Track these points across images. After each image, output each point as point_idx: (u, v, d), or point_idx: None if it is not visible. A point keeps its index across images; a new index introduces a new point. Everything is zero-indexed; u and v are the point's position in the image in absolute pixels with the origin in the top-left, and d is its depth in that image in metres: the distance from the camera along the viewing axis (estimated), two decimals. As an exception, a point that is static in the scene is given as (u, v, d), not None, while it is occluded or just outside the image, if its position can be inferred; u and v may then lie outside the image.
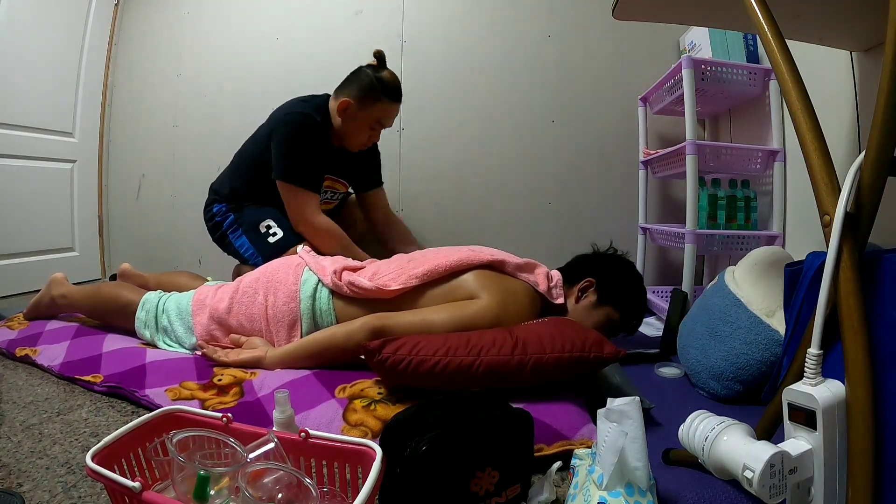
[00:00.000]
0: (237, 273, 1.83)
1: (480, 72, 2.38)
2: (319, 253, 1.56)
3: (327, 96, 1.81)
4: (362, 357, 1.05)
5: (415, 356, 1.00)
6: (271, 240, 1.71)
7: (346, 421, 0.95)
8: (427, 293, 1.27)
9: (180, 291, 1.44)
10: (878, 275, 0.57)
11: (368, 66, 1.76)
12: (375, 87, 1.70)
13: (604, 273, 1.36)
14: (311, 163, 1.69)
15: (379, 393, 1.03)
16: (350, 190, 2.01)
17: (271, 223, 1.74)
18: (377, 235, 2.06)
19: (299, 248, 1.50)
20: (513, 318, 1.21)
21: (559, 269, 1.43)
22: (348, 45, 2.32)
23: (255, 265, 1.69)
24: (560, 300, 1.34)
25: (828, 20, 1.14)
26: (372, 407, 0.98)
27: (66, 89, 2.48)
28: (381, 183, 2.06)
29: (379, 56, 1.76)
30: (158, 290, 1.45)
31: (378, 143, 1.95)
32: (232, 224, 1.80)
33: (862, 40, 1.26)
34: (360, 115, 1.72)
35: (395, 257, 1.43)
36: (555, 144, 2.37)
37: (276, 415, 0.76)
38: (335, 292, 1.30)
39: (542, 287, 1.32)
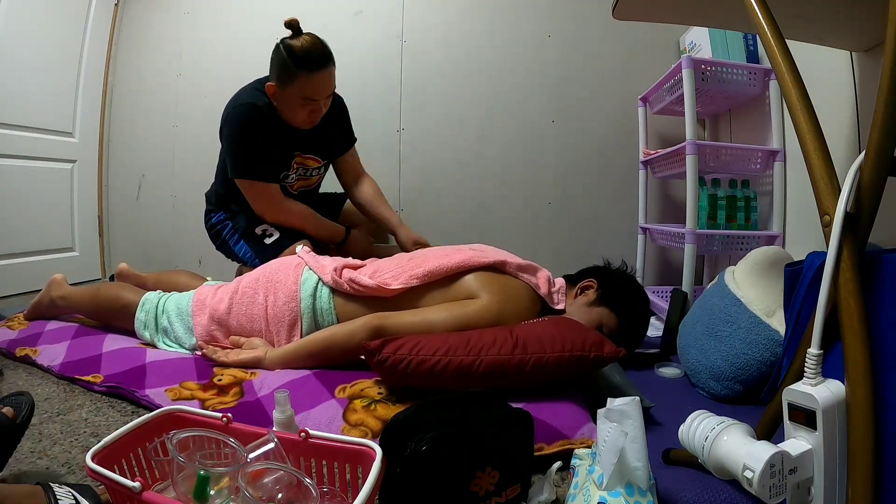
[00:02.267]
0: (240, 273, 1.83)
1: (480, 72, 2.38)
2: (319, 253, 1.55)
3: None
4: (363, 357, 1.05)
5: (415, 356, 1.00)
6: (268, 241, 1.73)
7: (347, 421, 0.95)
8: (427, 293, 1.27)
9: (179, 291, 1.43)
10: (878, 275, 0.57)
11: (282, 39, 1.57)
12: (287, 64, 1.53)
13: (607, 278, 1.36)
14: (262, 151, 1.63)
15: (379, 393, 1.03)
16: (325, 161, 1.92)
17: (266, 226, 1.76)
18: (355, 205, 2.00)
19: (298, 248, 1.50)
20: (513, 317, 1.21)
21: (564, 277, 1.43)
22: (348, 45, 2.32)
23: (255, 267, 1.70)
24: (560, 305, 1.34)
25: (828, 20, 1.14)
26: (372, 407, 0.98)
27: (66, 89, 2.48)
28: (353, 140, 1.96)
29: (290, 24, 1.57)
30: (158, 291, 1.45)
31: (342, 99, 1.88)
32: (230, 231, 1.81)
33: (862, 40, 1.26)
34: (284, 96, 1.59)
35: (395, 256, 1.43)
36: (555, 144, 2.37)
37: (276, 415, 0.76)
38: (335, 290, 1.30)
39: (543, 290, 1.32)
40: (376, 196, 1.96)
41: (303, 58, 1.52)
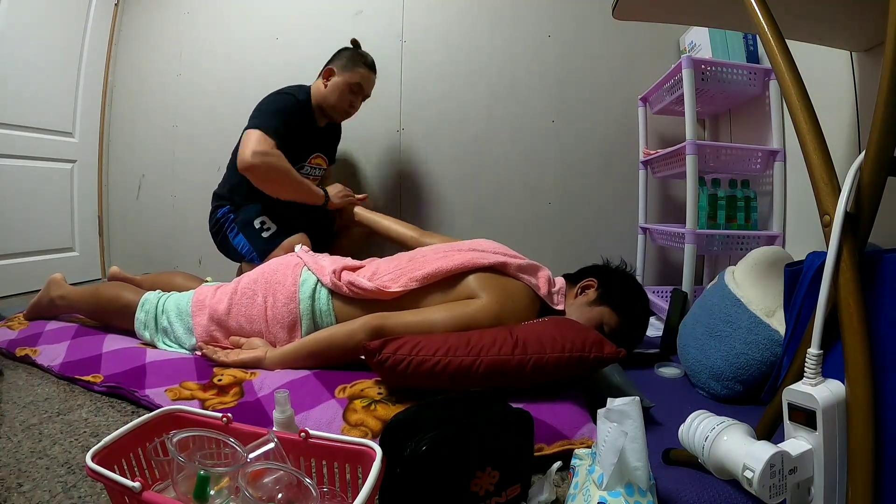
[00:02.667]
0: (240, 273, 1.83)
1: (480, 72, 2.38)
2: (313, 247, 1.58)
3: (310, 87, 1.97)
4: (363, 357, 1.05)
5: (415, 356, 1.00)
6: (265, 234, 1.76)
7: (346, 421, 0.95)
8: (427, 295, 1.27)
9: (178, 292, 1.43)
10: (878, 275, 0.57)
11: (348, 46, 1.99)
12: (356, 57, 1.93)
13: (607, 277, 1.36)
14: (284, 127, 1.75)
15: (379, 393, 1.03)
16: (329, 165, 2.13)
17: (265, 219, 1.80)
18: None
19: (297, 247, 1.50)
20: (512, 318, 1.21)
21: (565, 276, 1.43)
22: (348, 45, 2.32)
23: (252, 261, 1.73)
24: (560, 306, 1.33)
25: (828, 20, 1.14)
26: (372, 407, 0.98)
27: (67, 89, 2.48)
28: (334, 161, 2.20)
29: (355, 43, 2.01)
30: (157, 290, 1.44)
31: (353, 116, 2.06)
32: (230, 223, 1.83)
33: (862, 40, 1.26)
34: (340, 80, 1.90)
35: (395, 256, 1.42)
36: (555, 144, 2.37)
37: (276, 415, 0.76)
38: (334, 292, 1.30)
39: (543, 291, 1.32)
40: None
41: (368, 60, 1.97)
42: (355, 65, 1.92)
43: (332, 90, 1.91)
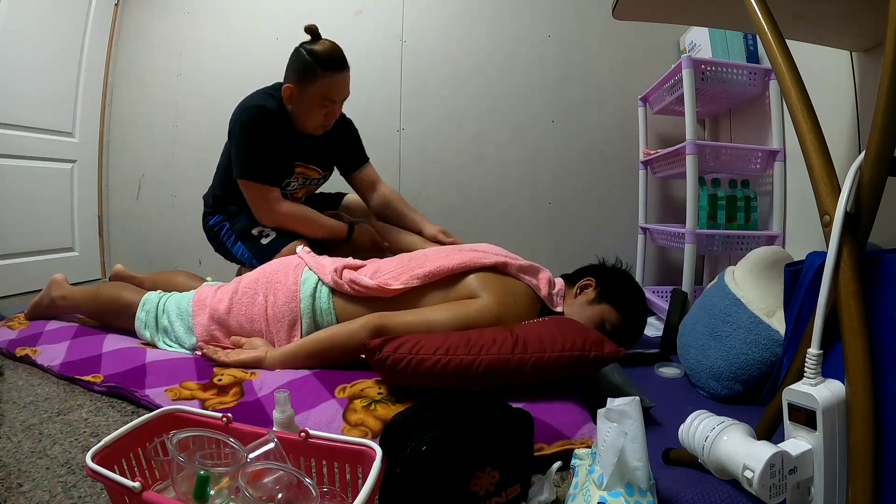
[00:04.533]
0: (240, 273, 1.83)
1: (480, 72, 2.38)
2: (321, 252, 1.55)
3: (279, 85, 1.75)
4: (363, 356, 1.05)
5: (415, 355, 1.00)
6: (265, 241, 1.72)
7: (347, 421, 0.95)
8: (428, 293, 1.27)
9: (179, 291, 1.43)
10: (878, 275, 0.57)
11: (302, 44, 1.64)
12: (310, 65, 1.59)
13: (605, 276, 1.37)
14: (268, 155, 1.65)
15: (379, 393, 1.03)
16: (325, 173, 1.95)
17: (263, 227, 1.75)
18: (379, 217, 1.97)
19: (298, 248, 1.50)
20: (513, 318, 1.21)
21: (562, 277, 1.43)
22: (348, 45, 2.30)
23: (253, 267, 1.70)
24: (559, 308, 1.34)
25: (828, 20, 1.14)
26: (372, 407, 0.98)
27: (67, 89, 2.48)
28: (366, 160, 1.97)
29: (310, 30, 1.62)
30: (158, 290, 1.45)
31: (352, 121, 1.94)
32: (227, 233, 1.80)
33: (862, 40, 1.26)
34: (304, 97, 1.63)
35: (396, 256, 1.43)
36: (555, 144, 2.37)
37: (276, 415, 0.76)
38: (335, 291, 1.30)
39: (543, 292, 1.32)
40: (396, 199, 1.94)
41: (327, 60, 1.59)
42: (315, 75, 1.60)
43: (297, 109, 1.67)
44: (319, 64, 1.59)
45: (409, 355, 1.00)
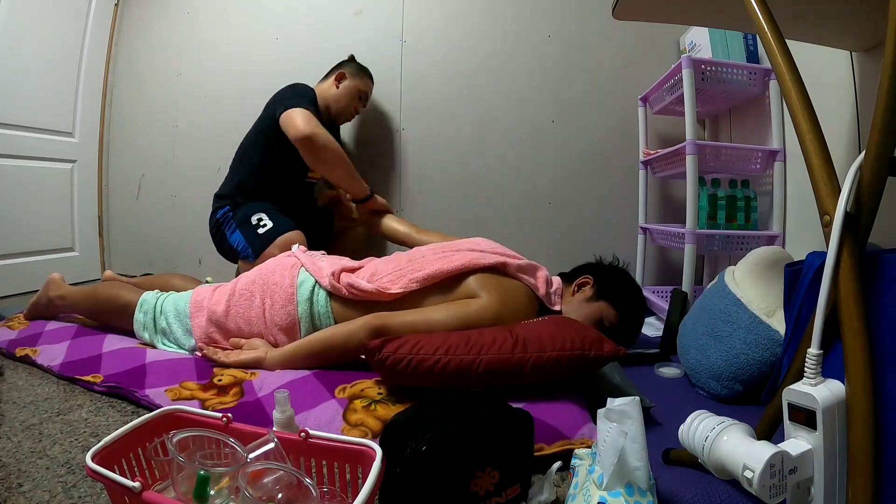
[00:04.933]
0: (238, 273, 1.83)
1: (480, 72, 2.38)
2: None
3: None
4: (363, 357, 1.05)
5: (415, 355, 1.00)
6: (261, 231, 1.74)
7: (346, 421, 0.95)
8: (427, 296, 1.27)
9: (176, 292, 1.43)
10: (878, 275, 0.57)
11: (348, 59, 2.15)
12: (363, 68, 2.13)
13: (602, 273, 1.37)
14: (315, 110, 1.80)
15: (379, 393, 1.03)
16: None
17: (262, 216, 1.78)
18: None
19: (294, 247, 1.50)
20: (512, 317, 1.21)
21: (560, 275, 1.43)
22: (348, 45, 2.32)
23: (247, 258, 1.74)
24: (558, 306, 1.34)
25: (828, 20, 1.14)
26: (372, 407, 0.98)
27: (66, 89, 2.48)
28: None
29: (353, 59, 2.16)
30: (156, 290, 1.44)
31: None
32: (228, 221, 1.83)
33: (862, 40, 1.26)
34: (351, 84, 2.04)
35: (393, 255, 1.42)
36: (555, 144, 2.37)
37: (276, 415, 0.76)
38: (333, 294, 1.29)
39: (542, 291, 1.32)
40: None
41: (369, 73, 2.16)
42: (364, 74, 2.11)
43: (344, 93, 2.02)
44: (364, 71, 2.14)
45: (409, 355, 1.00)
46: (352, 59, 2.16)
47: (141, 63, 2.69)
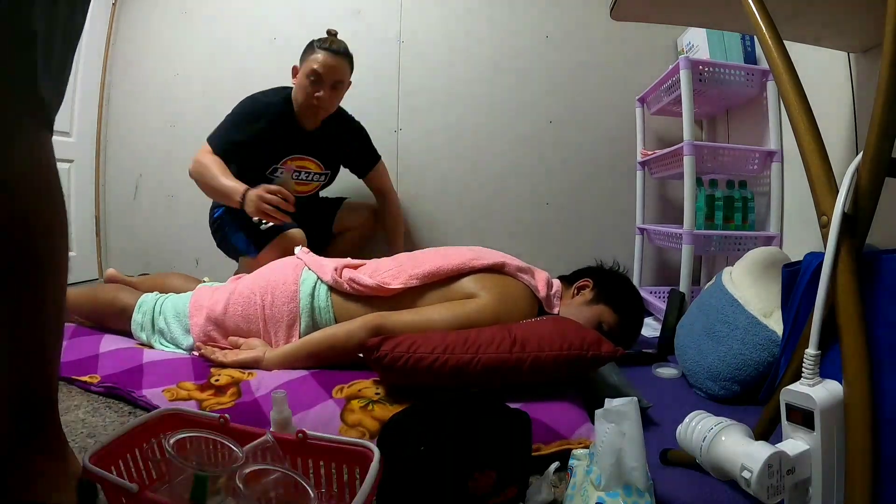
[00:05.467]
0: (238, 272, 1.83)
1: (478, 72, 2.38)
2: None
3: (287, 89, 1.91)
4: (361, 355, 1.05)
5: (413, 353, 1.00)
6: (263, 227, 1.73)
7: (344, 421, 0.95)
8: (427, 293, 1.27)
9: (175, 293, 1.43)
10: (876, 275, 0.58)
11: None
12: (312, 44, 1.83)
13: (602, 277, 1.37)
14: (237, 135, 1.80)
15: (377, 393, 1.03)
16: (328, 171, 2.06)
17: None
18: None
19: (297, 249, 1.50)
20: (511, 317, 1.21)
21: (560, 278, 1.43)
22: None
23: (248, 254, 1.75)
24: (557, 309, 1.34)
25: (825, 21, 1.15)
26: (370, 407, 0.98)
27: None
28: (376, 159, 2.13)
29: (329, 32, 1.89)
30: (154, 292, 1.44)
31: (361, 124, 2.08)
32: (229, 222, 1.82)
33: (859, 41, 1.26)
34: (300, 73, 1.83)
35: (395, 255, 1.43)
36: (552, 145, 2.37)
37: (274, 415, 0.76)
38: (333, 289, 1.30)
39: (542, 293, 1.32)
40: (393, 219, 2.17)
41: (323, 39, 1.83)
42: (309, 52, 1.82)
43: (297, 86, 1.86)
44: (316, 42, 1.82)
45: (407, 354, 1.00)
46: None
47: (138, 63, 2.68)
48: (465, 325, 1.16)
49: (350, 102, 1.98)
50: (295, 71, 1.86)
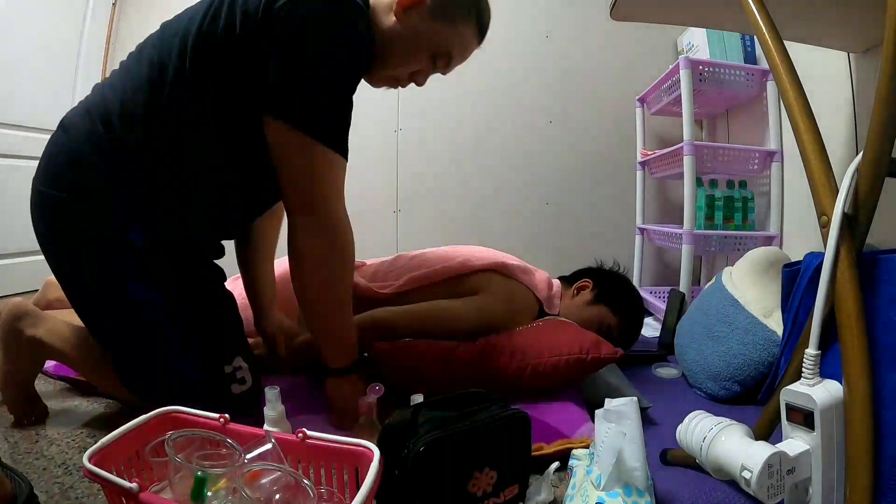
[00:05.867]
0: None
1: (478, 72, 2.37)
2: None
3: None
4: (366, 354, 1.04)
5: (420, 367, 1.02)
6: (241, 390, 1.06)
7: (344, 422, 0.95)
8: (427, 295, 1.27)
9: None
10: (876, 275, 0.58)
11: None
12: (470, 5, 1.00)
13: (602, 278, 1.37)
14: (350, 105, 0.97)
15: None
16: None
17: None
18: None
19: None
20: (511, 317, 1.21)
21: (560, 278, 1.43)
22: (346, 45, 2.32)
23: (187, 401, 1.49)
24: (557, 310, 1.34)
25: (826, 21, 1.15)
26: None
27: (64, 90, 2.47)
28: None
29: None
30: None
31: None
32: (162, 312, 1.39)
33: (860, 41, 1.26)
34: (429, 26, 0.97)
35: (396, 256, 1.42)
36: (552, 145, 2.37)
37: (267, 411, 0.76)
38: None
39: (542, 293, 1.32)
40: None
41: (484, 20, 1.06)
42: (466, 16, 1.00)
43: (403, 33, 0.96)
44: (477, 12, 1.02)
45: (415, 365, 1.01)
46: None
47: (138, 63, 2.68)
48: (466, 326, 1.16)
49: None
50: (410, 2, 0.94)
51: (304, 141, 0.85)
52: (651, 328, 1.78)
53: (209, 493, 0.59)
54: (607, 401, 0.66)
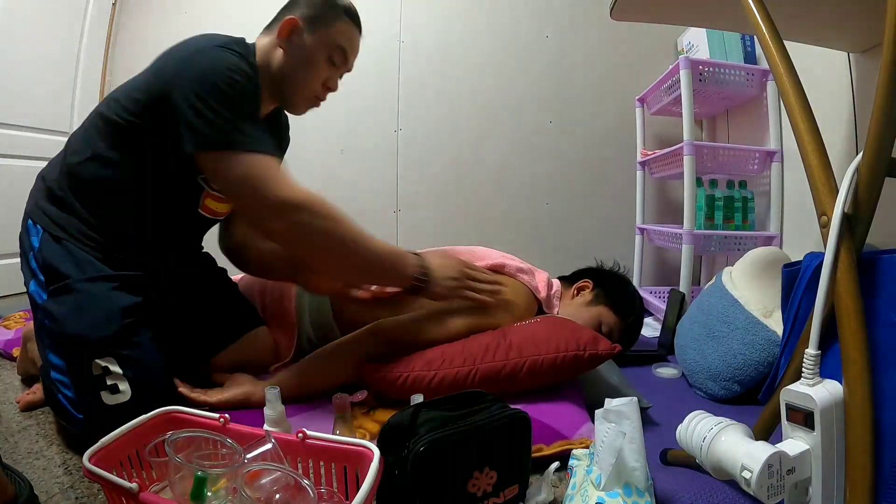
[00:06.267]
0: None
1: (478, 72, 2.38)
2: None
3: (243, 39, 1.10)
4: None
5: (410, 372, 1.02)
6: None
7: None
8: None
9: None
10: (876, 275, 0.58)
11: None
12: (332, 4, 1.12)
13: (602, 278, 1.37)
14: (254, 114, 1.01)
15: (377, 400, 1.03)
16: None
17: None
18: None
19: None
20: (510, 317, 1.21)
21: (559, 278, 1.43)
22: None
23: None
24: (556, 310, 1.34)
25: (825, 21, 1.14)
26: (371, 413, 0.98)
27: (65, 89, 2.47)
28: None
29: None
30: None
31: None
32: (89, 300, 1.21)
33: (859, 41, 1.26)
34: (312, 40, 1.10)
35: None
36: (552, 145, 2.37)
37: (267, 411, 0.76)
38: None
39: (542, 293, 1.32)
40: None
41: (352, 10, 1.17)
42: (336, 16, 1.12)
43: (297, 59, 1.10)
44: (344, 9, 1.14)
45: (406, 372, 1.01)
46: None
47: (138, 64, 2.64)
48: (465, 327, 1.15)
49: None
50: (291, 28, 1.08)
51: (221, 155, 0.95)
52: (651, 328, 1.78)
53: (209, 493, 0.59)
54: (607, 401, 0.66)
